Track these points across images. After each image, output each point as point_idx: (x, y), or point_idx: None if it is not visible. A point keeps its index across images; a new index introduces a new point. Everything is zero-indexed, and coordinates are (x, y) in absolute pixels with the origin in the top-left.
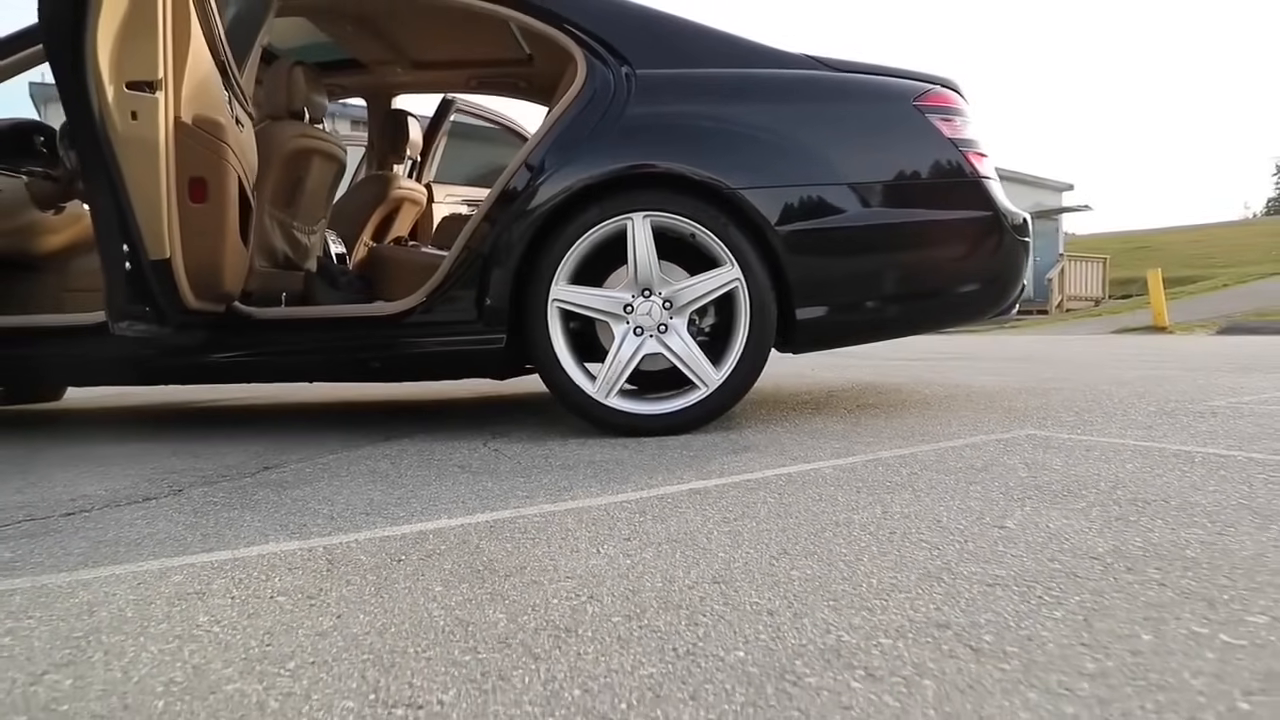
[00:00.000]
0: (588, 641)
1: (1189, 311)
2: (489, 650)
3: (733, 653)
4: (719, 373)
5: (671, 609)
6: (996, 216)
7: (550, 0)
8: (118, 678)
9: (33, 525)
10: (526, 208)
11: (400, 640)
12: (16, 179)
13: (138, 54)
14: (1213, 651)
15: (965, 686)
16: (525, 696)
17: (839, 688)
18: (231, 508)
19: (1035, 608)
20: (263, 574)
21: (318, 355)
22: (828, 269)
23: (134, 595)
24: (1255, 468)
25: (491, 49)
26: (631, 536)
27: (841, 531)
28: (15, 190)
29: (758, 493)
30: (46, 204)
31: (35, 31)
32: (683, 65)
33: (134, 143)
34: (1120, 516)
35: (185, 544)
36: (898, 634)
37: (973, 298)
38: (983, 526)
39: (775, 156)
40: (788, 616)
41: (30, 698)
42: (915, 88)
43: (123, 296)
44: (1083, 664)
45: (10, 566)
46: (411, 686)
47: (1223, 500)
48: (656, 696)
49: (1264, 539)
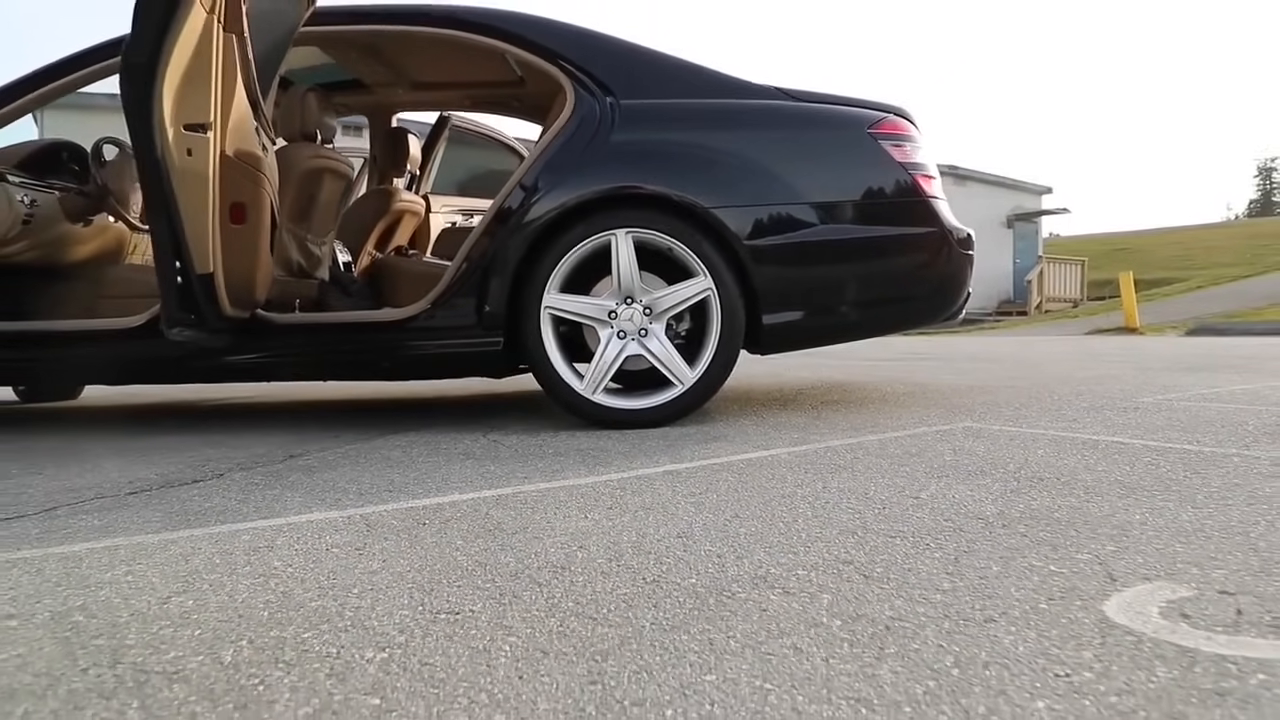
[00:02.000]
0: (578, 574)
1: (1162, 313)
2: (503, 580)
3: (687, 580)
4: (693, 372)
5: (643, 554)
6: (943, 232)
7: (545, 38)
8: (226, 600)
9: (107, 501)
10: (521, 223)
11: (435, 575)
12: (50, 194)
13: (193, 101)
14: (1039, 576)
15: (853, 598)
16: (533, 607)
17: (761, 599)
18: (271, 487)
19: (921, 551)
20: (314, 534)
21: (332, 356)
22: (791, 279)
23: (215, 548)
24: (1144, 452)
25: (486, 72)
26: (613, 506)
27: (785, 502)
28: (50, 205)
29: (721, 474)
30: (76, 217)
31: (74, 61)
32: (662, 96)
33: (188, 175)
34: (1015, 490)
35: (243, 513)
36: (812, 568)
37: (921, 305)
38: (901, 497)
39: (744, 178)
40: (731, 558)
41: (166, 611)
42: (870, 116)
43: (175, 305)
44: (941, 584)
45: (105, 530)
46: (448, 602)
47: (1104, 477)
48: (629, 606)
49: (1120, 505)
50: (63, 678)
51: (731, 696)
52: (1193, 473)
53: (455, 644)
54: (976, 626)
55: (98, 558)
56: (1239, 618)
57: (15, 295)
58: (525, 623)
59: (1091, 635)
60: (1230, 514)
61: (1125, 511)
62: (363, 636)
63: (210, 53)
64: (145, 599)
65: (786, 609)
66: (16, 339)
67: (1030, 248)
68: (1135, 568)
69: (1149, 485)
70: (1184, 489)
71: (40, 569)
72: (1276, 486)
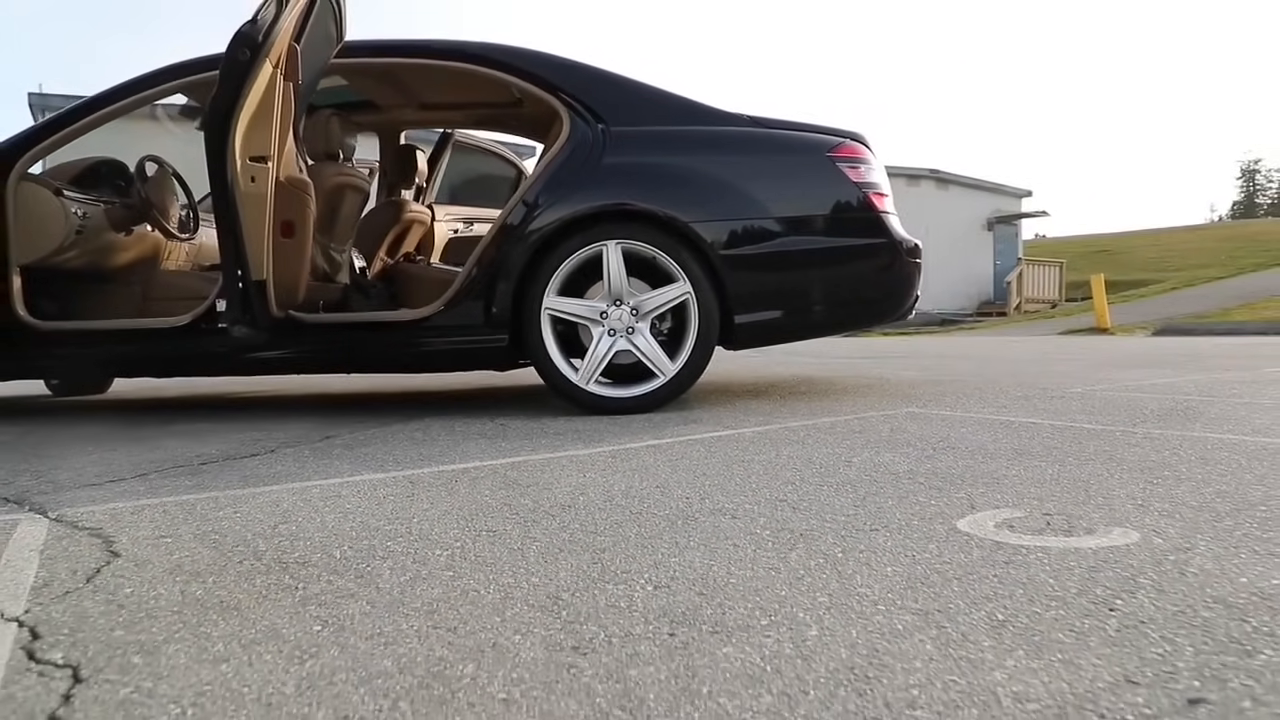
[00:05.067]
0: (581, 510)
1: (1136, 314)
2: (525, 514)
3: (663, 511)
4: (675, 365)
5: (630, 497)
6: (892, 243)
7: (544, 70)
8: (319, 525)
9: (185, 469)
10: (524, 235)
11: (473, 511)
12: (97, 206)
13: (257, 137)
14: (920, 507)
15: (781, 519)
16: (549, 528)
17: (715, 521)
18: (320, 459)
19: (839, 494)
20: (370, 488)
21: (356, 352)
22: (760, 284)
23: (296, 498)
24: (1048, 430)
25: (488, 95)
26: (606, 469)
27: (744, 465)
28: (97, 216)
29: (694, 447)
30: (120, 227)
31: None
32: (647, 124)
33: (251, 198)
34: (929, 455)
35: (305, 475)
36: (755, 503)
37: (874, 306)
38: (836, 461)
39: (718, 197)
40: (696, 498)
41: (277, 531)
42: (829, 141)
43: (237, 307)
44: (848, 511)
45: (199, 487)
46: (487, 525)
47: (1004, 447)
48: (620, 525)
49: (1004, 465)
50: (228, 565)
51: (688, 568)
52: (1075, 443)
53: (497, 546)
54: (863, 534)
55: (204, 504)
56: (1046, 527)
57: (66, 297)
58: (545, 535)
59: (941, 537)
60: (1085, 470)
61: (1006, 469)
62: (430, 543)
63: (273, 99)
64: (259, 526)
65: (732, 526)
66: (79, 336)
67: (1010, 250)
68: (993, 501)
69: (1036, 451)
70: (1060, 454)
71: (165, 510)
72: (1133, 452)
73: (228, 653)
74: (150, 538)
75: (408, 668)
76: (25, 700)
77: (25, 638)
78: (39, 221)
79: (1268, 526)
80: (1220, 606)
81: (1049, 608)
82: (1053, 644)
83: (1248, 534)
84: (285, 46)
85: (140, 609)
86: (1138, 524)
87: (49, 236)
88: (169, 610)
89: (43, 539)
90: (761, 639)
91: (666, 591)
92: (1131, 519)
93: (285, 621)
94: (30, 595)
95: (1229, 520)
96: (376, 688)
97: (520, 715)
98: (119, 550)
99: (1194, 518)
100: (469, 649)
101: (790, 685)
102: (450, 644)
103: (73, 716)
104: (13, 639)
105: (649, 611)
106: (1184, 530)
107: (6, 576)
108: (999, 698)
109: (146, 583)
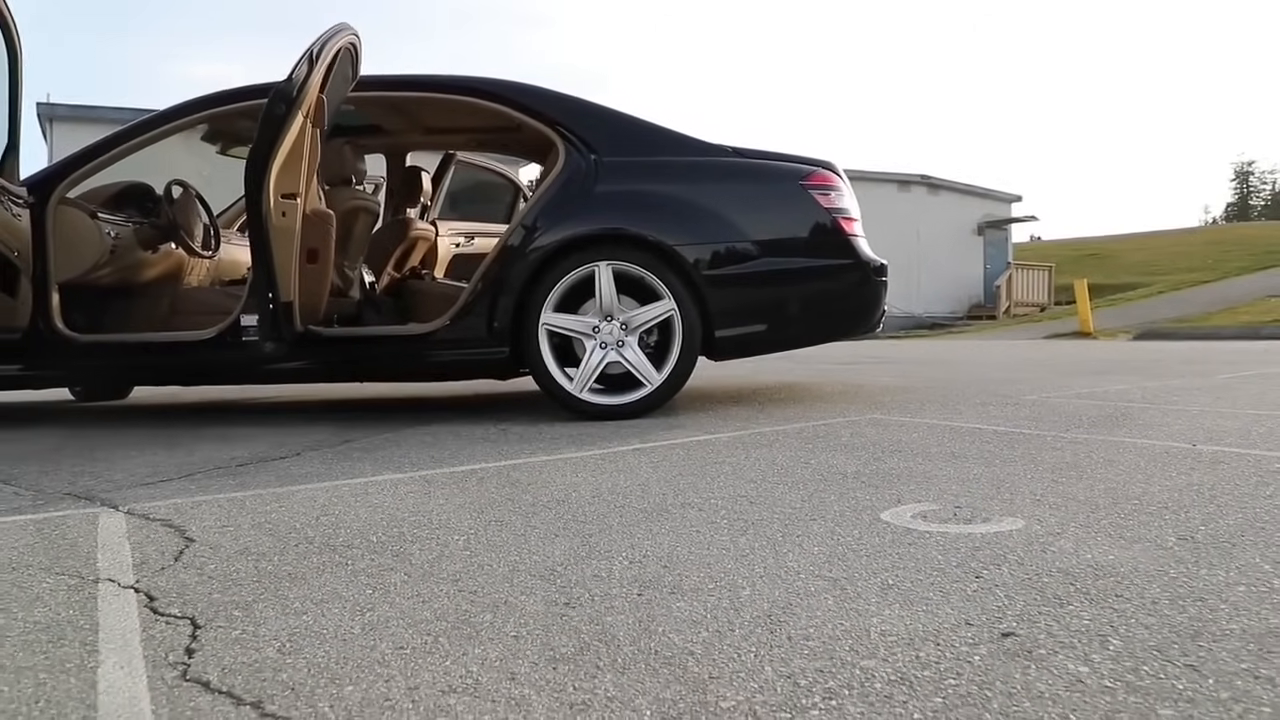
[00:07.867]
0: (573, 504)
1: (1121, 318)
2: (526, 507)
3: (641, 505)
4: (660, 375)
5: (615, 494)
6: (860, 264)
7: (542, 105)
8: (354, 518)
9: (223, 470)
10: (524, 256)
11: (482, 505)
12: (128, 226)
13: (289, 177)
14: (853, 500)
15: (738, 511)
16: (546, 518)
17: (686, 512)
18: (341, 461)
19: (791, 491)
20: (391, 486)
21: (367, 363)
22: (738, 301)
23: (329, 494)
24: (989, 435)
25: (488, 121)
26: (596, 470)
27: (715, 466)
28: (127, 236)
29: (675, 450)
30: (148, 245)
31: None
32: (636, 154)
33: (282, 231)
34: (877, 457)
35: (333, 475)
36: (719, 499)
37: (843, 320)
38: (795, 463)
39: (701, 222)
40: (671, 495)
41: (319, 522)
42: (802, 170)
43: (269, 325)
44: (795, 504)
45: (241, 486)
46: (495, 517)
47: (945, 450)
48: (605, 515)
49: (938, 466)
50: (286, 548)
51: (657, 549)
52: (1007, 447)
53: (504, 532)
54: (802, 523)
55: (252, 500)
56: (952, 517)
57: (96, 310)
58: (544, 524)
59: (865, 525)
60: (1005, 470)
61: (939, 469)
62: (449, 530)
63: (303, 144)
64: (303, 517)
65: (697, 516)
66: (114, 348)
67: (1000, 254)
68: (918, 497)
69: (970, 455)
70: (990, 457)
71: (219, 505)
72: (1053, 455)
73: (304, 608)
74: (215, 527)
75: (442, 616)
76: (165, 639)
77: (144, 600)
78: (76, 242)
79: (1131, 516)
80: (1061, 575)
81: (929, 576)
82: (921, 600)
83: (1113, 523)
84: (315, 99)
85: (227, 579)
86: (1028, 515)
87: (85, 256)
88: (249, 580)
89: (124, 528)
90: (707, 597)
91: (639, 565)
92: (1025, 510)
93: (343, 587)
94: (134, 570)
95: (1103, 512)
96: (421, 629)
97: (527, 646)
98: (193, 537)
99: (1075, 510)
100: (487, 604)
101: (722, 626)
102: (472, 601)
103: (203, 648)
104: (135, 600)
105: (624, 579)
106: (1062, 519)
107: (108, 557)
108: (869, 632)
109: (224, 561)
